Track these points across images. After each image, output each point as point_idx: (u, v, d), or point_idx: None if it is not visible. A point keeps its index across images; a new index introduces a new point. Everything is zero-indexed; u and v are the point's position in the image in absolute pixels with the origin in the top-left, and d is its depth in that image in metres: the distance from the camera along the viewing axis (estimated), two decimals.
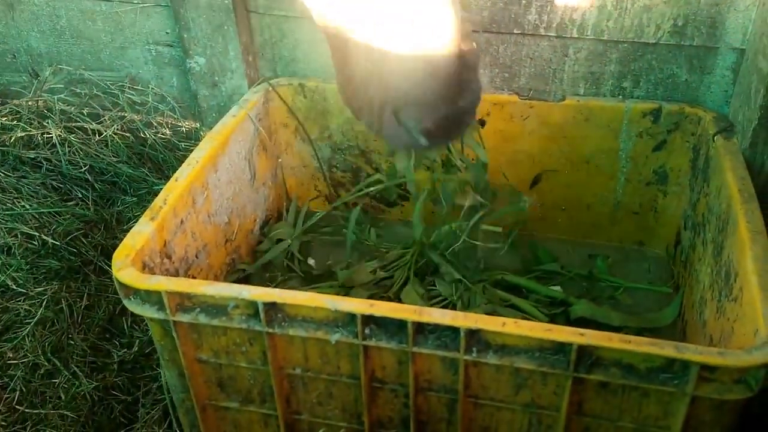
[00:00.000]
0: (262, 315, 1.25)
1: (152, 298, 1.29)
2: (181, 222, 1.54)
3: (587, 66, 1.77)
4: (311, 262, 1.93)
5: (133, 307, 1.32)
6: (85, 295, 2.04)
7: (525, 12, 1.71)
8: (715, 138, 1.63)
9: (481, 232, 1.95)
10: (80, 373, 1.83)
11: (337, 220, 2.10)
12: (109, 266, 2.12)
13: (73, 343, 1.93)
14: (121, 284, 1.31)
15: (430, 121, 1.26)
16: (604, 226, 1.97)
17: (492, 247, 1.96)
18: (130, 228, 2.17)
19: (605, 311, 1.71)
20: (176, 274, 1.53)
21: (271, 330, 1.27)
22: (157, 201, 1.49)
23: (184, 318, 1.29)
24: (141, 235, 1.40)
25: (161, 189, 2.22)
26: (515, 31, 1.75)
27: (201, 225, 1.63)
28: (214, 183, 1.68)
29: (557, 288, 1.86)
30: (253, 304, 1.25)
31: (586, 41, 1.72)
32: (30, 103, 2.16)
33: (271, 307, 1.25)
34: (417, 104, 1.25)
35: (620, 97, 1.79)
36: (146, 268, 1.40)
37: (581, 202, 1.95)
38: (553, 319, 1.70)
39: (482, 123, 1.89)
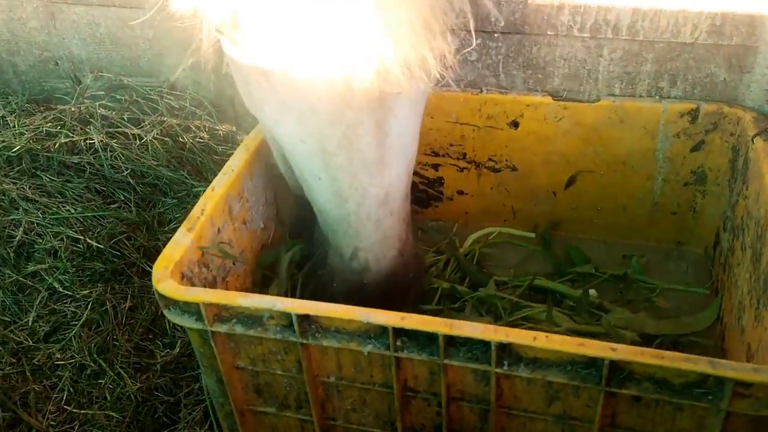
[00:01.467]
0: (296, 326, 1.27)
1: (191, 308, 1.33)
2: (218, 231, 1.58)
3: (622, 66, 1.74)
4: None
5: (173, 317, 1.36)
6: (129, 296, 2.09)
7: (558, 13, 1.69)
8: (755, 139, 1.59)
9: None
10: (125, 375, 1.89)
11: None
12: (152, 268, 2.18)
13: (117, 344, 1.99)
14: (160, 295, 1.35)
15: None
16: (640, 227, 1.95)
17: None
18: (172, 230, 2.27)
19: (640, 319, 1.69)
20: (214, 282, 1.56)
21: (304, 341, 1.29)
22: (195, 211, 1.52)
23: (222, 328, 1.33)
24: (179, 246, 1.44)
25: (200, 191, 2.30)
26: (548, 32, 1.73)
27: (237, 232, 1.67)
28: (250, 190, 1.71)
29: (592, 291, 1.84)
30: (287, 316, 1.28)
31: (620, 41, 1.70)
32: (73, 109, 2.22)
33: (305, 318, 1.28)
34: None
35: (657, 97, 1.76)
36: (185, 278, 1.44)
37: (617, 202, 1.93)
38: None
39: (515, 125, 1.88)
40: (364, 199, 1.43)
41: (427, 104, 1.90)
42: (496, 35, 1.79)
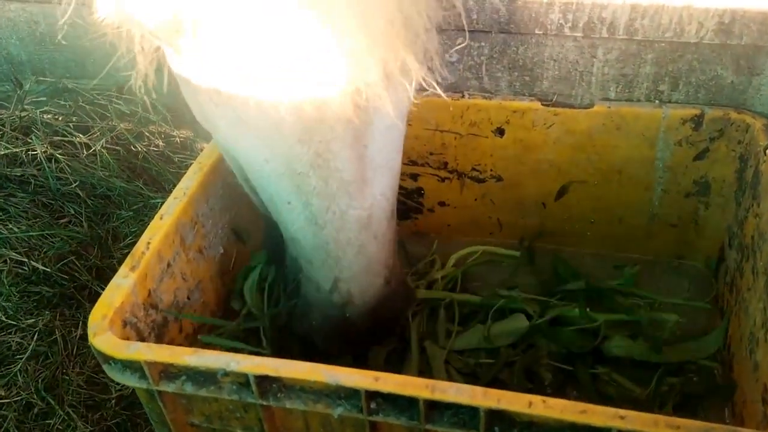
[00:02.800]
0: (254, 387, 1.10)
1: (133, 365, 1.15)
2: (168, 265, 1.39)
3: (619, 68, 1.57)
4: None
5: (113, 374, 1.18)
6: (80, 323, 1.91)
7: (547, 11, 1.51)
8: (767, 151, 1.43)
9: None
10: (75, 415, 1.71)
11: None
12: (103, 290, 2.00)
13: (68, 378, 1.81)
14: (97, 351, 1.17)
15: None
16: (637, 240, 1.79)
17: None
18: (128, 245, 2.08)
19: (641, 347, 1.54)
20: (165, 324, 1.39)
21: (265, 402, 1.12)
22: (139, 246, 1.33)
23: (169, 387, 1.16)
24: (120, 289, 1.26)
25: (158, 202, 2.11)
26: (536, 32, 1.55)
27: (192, 263, 1.49)
28: (205, 214, 1.53)
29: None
30: (243, 375, 1.11)
31: (617, 41, 1.52)
32: (13, 117, 2.01)
33: (264, 378, 1.10)
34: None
35: (656, 101, 1.59)
36: (128, 325, 1.26)
37: (612, 214, 1.77)
38: (585, 358, 1.53)
39: (501, 132, 1.70)
40: (343, 223, 1.21)
41: None
42: (478, 34, 1.60)
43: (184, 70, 1.15)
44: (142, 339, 1.31)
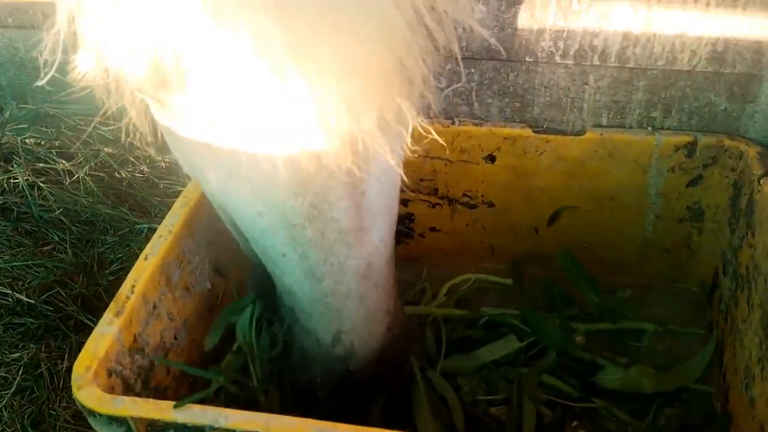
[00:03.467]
0: None
1: (118, 420, 1.12)
2: (154, 307, 1.36)
3: (610, 95, 1.54)
4: None
5: (99, 427, 1.15)
6: (66, 355, 1.87)
7: (538, 39, 1.48)
8: (761, 180, 1.41)
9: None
10: None
11: None
12: (91, 321, 1.96)
13: (54, 413, 1.77)
14: (82, 405, 1.13)
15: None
16: (630, 265, 1.77)
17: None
18: (114, 272, 2.04)
19: (635, 376, 1.52)
20: (151, 367, 1.35)
21: None
22: (123, 290, 1.30)
23: None
24: (104, 338, 1.22)
25: (144, 228, 2.07)
26: (527, 59, 1.52)
27: (179, 301, 1.45)
28: (191, 251, 1.50)
29: (579, 339, 1.67)
30: (232, 431, 1.08)
31: (608, 68, 1.50)
32: None
33: None
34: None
35: (649, 128, 1.57)
36: (113, 374, 1.23)
37: (605, 239, 1.75)
38: (581, 391, 1.51)
39: (492, 159, 1.68)
40: (342, 275, 1.17)
41: None
42: (468, 60, 1.57)
43: (170, 123, 1.11)
44: (129, 386, 1.28)
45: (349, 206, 1.13)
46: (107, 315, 1.26)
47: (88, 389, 1.14)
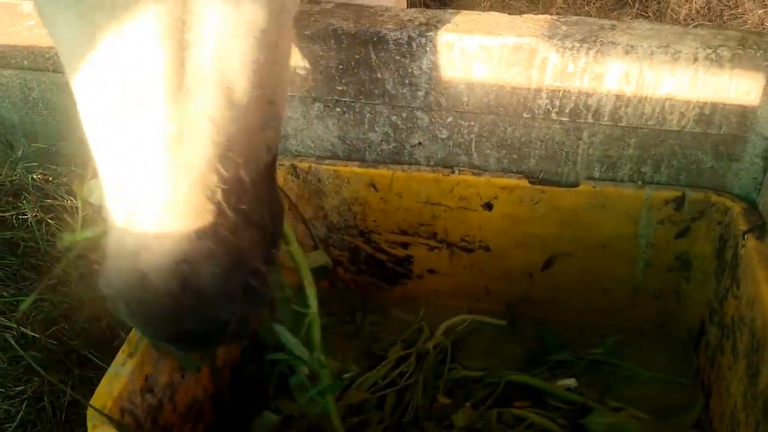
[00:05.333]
0: None
1: None
2: None
3: (603, 150, 1.63)
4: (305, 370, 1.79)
5: None
6: (69, 389, 1.91)
7: (535, 97, 1.56)
8: (746, 236, 1.49)
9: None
10: None
11: (332, 302, 1.98)
12: (93, 355, 2.00)
13: None
14: None
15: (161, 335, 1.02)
16: (621, 310, 1.84)
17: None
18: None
19: (624, 421, 1.58)
20: (160, 406, 1.40)
21: None
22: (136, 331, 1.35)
23: None
24: (118, 378, 1.27)
25: None
26: (524, 115, 1.60)
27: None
28: None
29: (571, 381, 1.74)
30: None
31: (602, 126, 1.58)
32: (3, 182, 2.02)
33: None
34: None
35: (639, 182, 1.65)
36: (125, 413, 1.27)
37: (597, 285, 1.82)
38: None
39: (489, 207, 1.75)
40: None
41: (395, 183, 1.78)
42: (468, 114, 1.65)
43: None
44: (139, 425, 1.32)
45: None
46: (121, 356, 1.31)
47: (104, 429, 1.18)
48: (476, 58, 1.54)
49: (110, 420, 1.20)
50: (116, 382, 1.26)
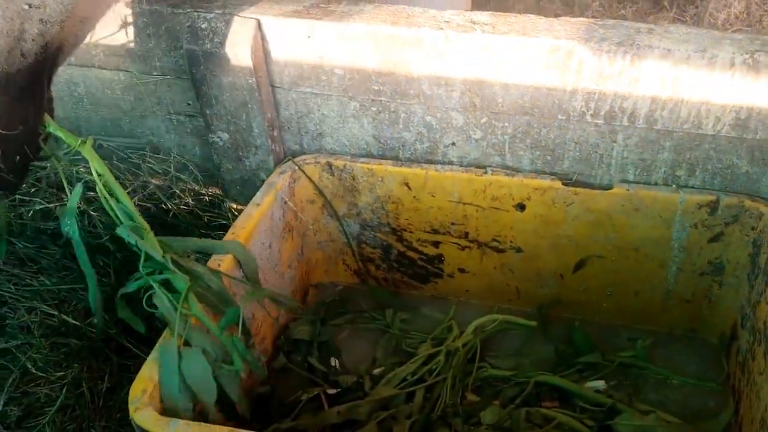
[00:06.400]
0: None
1: None
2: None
3: (638, 153, 1.63)
4: (334, 363, 1.82)
5: None
6: (106, 376, 1.96)
7: (570, 99, 1.58)
8: None
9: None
10: None
11: (363, 298, 2.02)
12: (131, 343, 2.06)
13: (94, 431, 1.86)
14: (137, 426, 1.22)
15: None
16: (653, 313, 1.84)
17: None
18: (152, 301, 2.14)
19: (652, 424, 1.58)
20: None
21: None
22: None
23: None
24: (158, 364, 1.31)
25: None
26: (559, 117, 1.62)
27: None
28: (238, 284, 1.59)
29: (600, 383, 1.74)
30: None
31: (637, 129, 1.59)
32: (48, 174, 2.08)
33: None
34: None
35: (674, 185, 1.65)
36: (164, 398, 1.31)
37: (628, 288, 1.82)
38: None
39: (522, 207, 1.77)
40: None
41: (429, 182, 1.80)
42: (502, 115, 1.67)
43: None
44: (176, 411, 1.36)
45: None
46: (161, 340, 1.36)
47: (145, 411, 1.23)
48: (513, 60, 1.56)
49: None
50: (156, 368, 1.30)
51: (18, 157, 1.19)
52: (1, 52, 1.06)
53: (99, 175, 1.41)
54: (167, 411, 1.28)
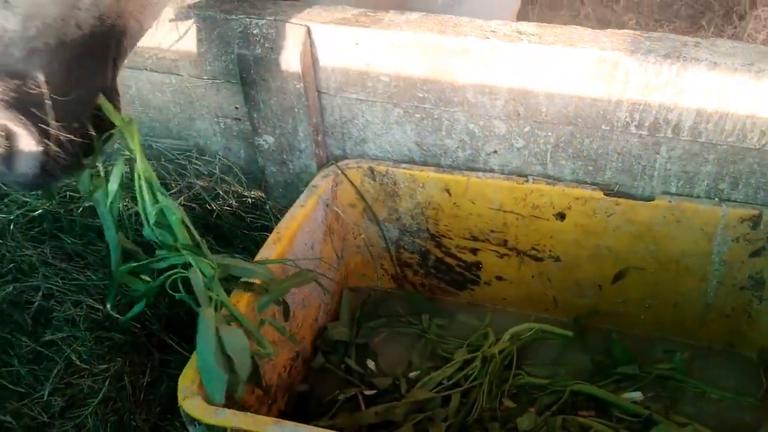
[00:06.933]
0: None
1: (218, 429, 1.24)
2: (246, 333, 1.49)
3: (681, 165, 1.64)
4: (371, 365, 1.85)
5: None
6: (147, 370, 2.01)
7: (615, 109, 1.59)
8: None
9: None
10: None
11: (399, 303, 2.04)
12: (172, 340, 2.10)
13: (135, 424, 1.90)
14: (186, 413, 1.26)
15: None
16: (691, 326, 1.84)
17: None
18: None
19: None
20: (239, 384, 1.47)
21: None
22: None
23: None
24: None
25: (226, 256, 2.22)
26: (603, 127, 1.63)
27: (265, 327, 1.58)
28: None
29: (637, 394, 1.74)
30: None
31: (681, 141, 1.60)
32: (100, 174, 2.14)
33: None
34: None
35: (716, 199, 1.66)
36: None
37: (668, 300, 1.82)
38: None
39: (562, 216, 1.78)
40: None
41: (470, 189, 1.83)
42: (545, 124, 1.69)
43: None
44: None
45: None
46: None
47: (193, 400, 1.26)
48: (558, 70, 1.58)
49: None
50: None
51: (77, 127, 1.23)
52: (56, 20, 1.11)
53: (129, 159, 1.44)
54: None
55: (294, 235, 1.67)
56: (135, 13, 1.27)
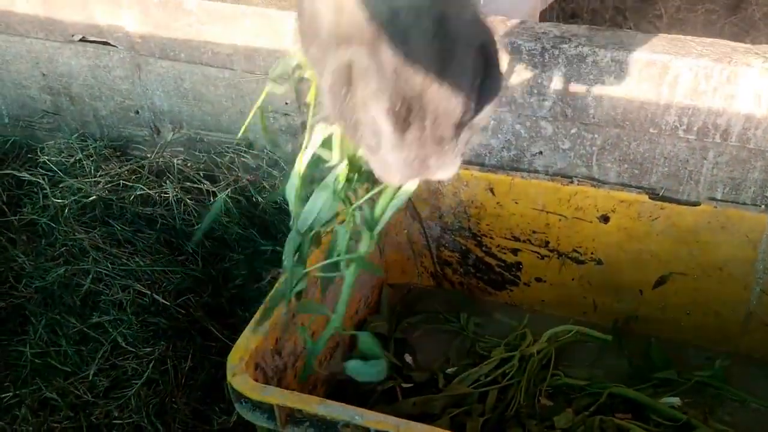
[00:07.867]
0: None
1: (263, 407, 1.27)
2: (293, 316, 1.52)
3: (728, 171, 1.64)
4: (408, 359, 1.87)
5: (243, 411, 1.31)
6: (190, 356, 2.06)
7: (663, 113, 1.60)
8: None
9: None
10: None
11: (438, 300, 2.06)
12: (214, 327, 2.16)
13: (176, 406, 1.95)
14: (234, 390, 1.30)
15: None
16: (732, 335, 1.83)
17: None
18: (236, 287, 2.24)
19: None
20: (284, 368, 1.51)
21: None
22: (272, 296, 1.47)
23: (293, 430, 1.27)
24: (256, 335, 1.39)
25: (268, 249, 2.27)
26: (651, 130, 1.64)
27: (311, 315, 1.61)
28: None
29: (675, 399, 1.74)
30: (365, 429, 1.21)
31: (729, 146, 1.60)
32: (151, 162, 2.22)
33: None
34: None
35: (762, 206, 1.66)
36: (258, 368, 1.39)
37: (709, 307, 1.81)
38: None
39: (606, 219, 1.79)
40: None
41: (513, 189, 1.85)
42: (592, 126, 1.71)
43: None
44: (267, 381, 1.44)
45: None
46: (258, 316, 1.43)
47: (241, 377, 1.30)
48: (607, 72, 1.60)
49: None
50: (253, 339, 1.38)
51: None
52: None
53: None
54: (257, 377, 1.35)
55: None
56: None
